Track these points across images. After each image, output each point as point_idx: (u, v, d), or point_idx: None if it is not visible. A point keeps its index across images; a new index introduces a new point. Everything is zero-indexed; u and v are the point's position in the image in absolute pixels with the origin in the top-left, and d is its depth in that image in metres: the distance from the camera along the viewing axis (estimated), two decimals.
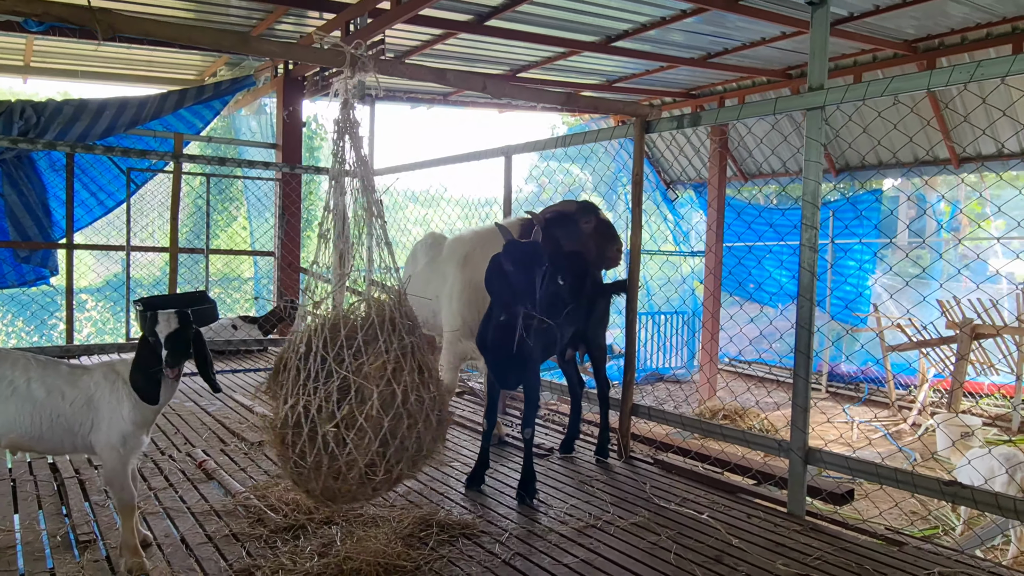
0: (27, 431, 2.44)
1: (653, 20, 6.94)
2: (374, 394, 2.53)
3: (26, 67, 8.17)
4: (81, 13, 2.19)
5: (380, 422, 2.52)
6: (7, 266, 6.64)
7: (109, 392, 2.46)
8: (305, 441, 2.54)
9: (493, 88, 3.31)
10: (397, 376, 2.59)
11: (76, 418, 2.46)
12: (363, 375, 2.58)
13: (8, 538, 2.75)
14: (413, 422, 2.61)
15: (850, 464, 3.00)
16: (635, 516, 3.13)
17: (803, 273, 3.07)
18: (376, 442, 2.51)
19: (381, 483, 2.58)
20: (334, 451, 2.51)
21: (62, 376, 2.49)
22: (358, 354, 2.60)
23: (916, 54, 7.62)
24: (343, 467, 2.53)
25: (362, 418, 2.51)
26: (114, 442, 2.44)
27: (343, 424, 2.53)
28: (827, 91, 2.96)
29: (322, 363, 2.60)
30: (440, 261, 4.10)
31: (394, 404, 2.56)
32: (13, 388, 2.43)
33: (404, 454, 2.59)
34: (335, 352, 2.60)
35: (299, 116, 7.84)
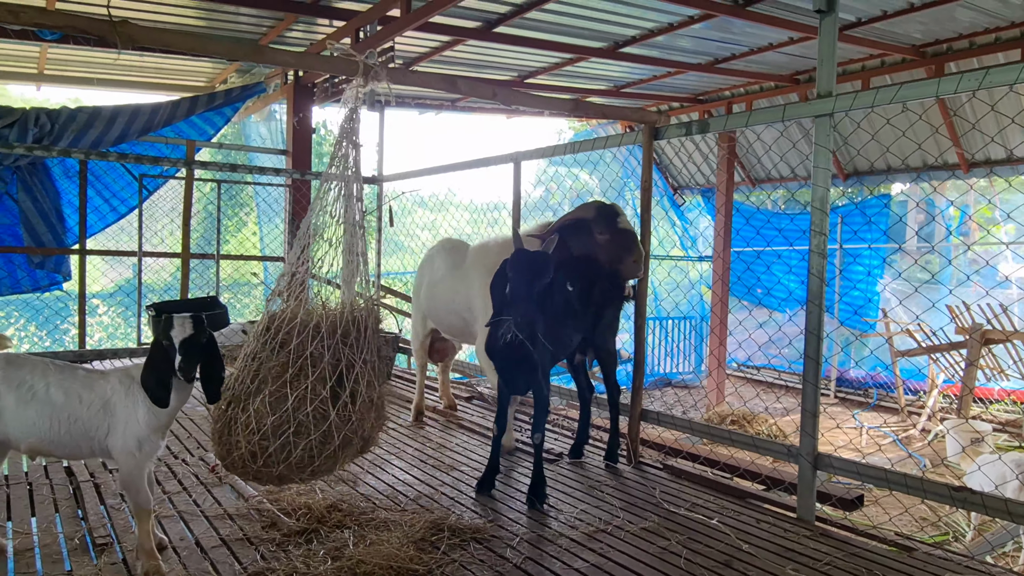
0: (46, 435, 2.48)
1: (661, 26, 6.97)
2: (265, 390, 2.69)
3: (40, 75, 8.28)
4: (101, 25, 2.23)
5: (265, 418, 2.66)
6: (21, 271, 6.71)
7: (125, 396, 2.49)
8: (220, 408, 2.78)
9: (503, 96, 3.35)
10: (296, 382, 2.70)
11: (93, 422, 2.49)
12: (266, 369, 2.74)
13: (26, 540, 2.79)
14: (304, 431, 2.70)
15: (859, 469, 3.01)
16: (645, 521, 3.14)
17: (812, 279, 3.08)
18: (258, 435, 2.66)
19: (260, 474, 2.73)
20: (231, 427, 2.71)
21: (79, 380, 2.52)
22: (274, 350, 2.76)
23: (924, 59, 7.62)
24: (232, 444, 2.71)
25: (252, 408, 2.68)
26: (130, 446, 2.47)
27: (240, 406, 2.73)
28: (836, 98, 2.97)
29: (262, 348, 2.78)
30: (465, 269, 4.11)
31: (282, 407, 2.67)
32: (32, 393, 2.46)
33: (286, 457, 2.68)
34: (263, 341, 2.79)
35: (309, 122, 7.91)
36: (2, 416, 2.45)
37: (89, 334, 6.29)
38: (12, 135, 6.18)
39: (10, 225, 6.62)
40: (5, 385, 2.45)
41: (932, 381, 8.95)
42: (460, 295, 4.03)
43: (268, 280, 9.33)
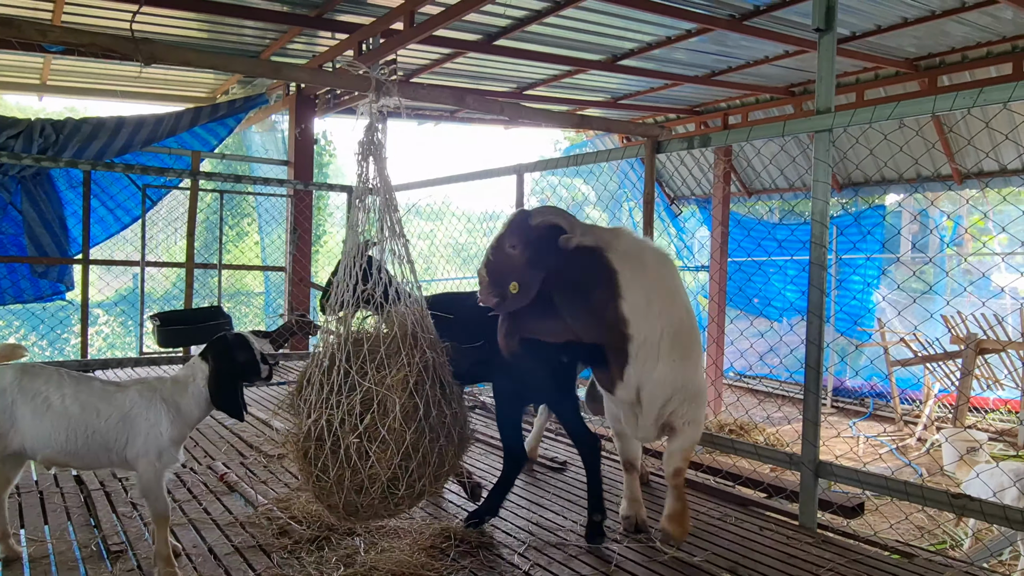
0: (62, 447, 2.50)
1: (659, 40, 7.08)
2: (396, 405, 2.59)
3: (43, 85, 8.33)
4: (125, 44, 2.29)
5: (403, 434, 2.57)
6: (25, 281, 6.73)
7: (146, 409, 2.53)
8: (327, 455, 2.60)
9: (511, 111, 3.42)
10: (419, 389, 2.66)
11: (111, 435, 2.52)
12: (386, 387, 2.63)
13: (41, 548, 2.82)
14: (435, 436, 2.67)
15: (860, 477, 3.07)
16: (649, 528, 3.19)
17: (812, 290, 3.15)
18: (399, 455, 2.57)
19: (403, 498, 2.63)
20: (356, 464, 2.56)
21: (96, 393, 2.55)
22: (380, 367, 2.67)
23: (918, 72, 7.75)
24: (365, 480, 2.58)
25: (384, 430, 2.57)
26: (151, 456, 2.51)
27: (365, 436, 2.58)
28: (835, 114, 3.05)
29: (345, 376, 2.67)
30: None
31: (416, 417, 2.62)
32: (48, 405, 2.49)
33: (426, 469, 2.64)
34: (358, 365, 2.68)
35: (311, 133, 7.98)
36: (18, 427, 2.47)
37: (89, 343, 6.30)
38: (17, 146, 6.22)
39: (14, 235, 6.66)
40: (21, 396, 2.48)
41: (928, 391, 9.03)
42: None
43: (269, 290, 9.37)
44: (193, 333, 5.43)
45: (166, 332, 5.18)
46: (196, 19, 6.30)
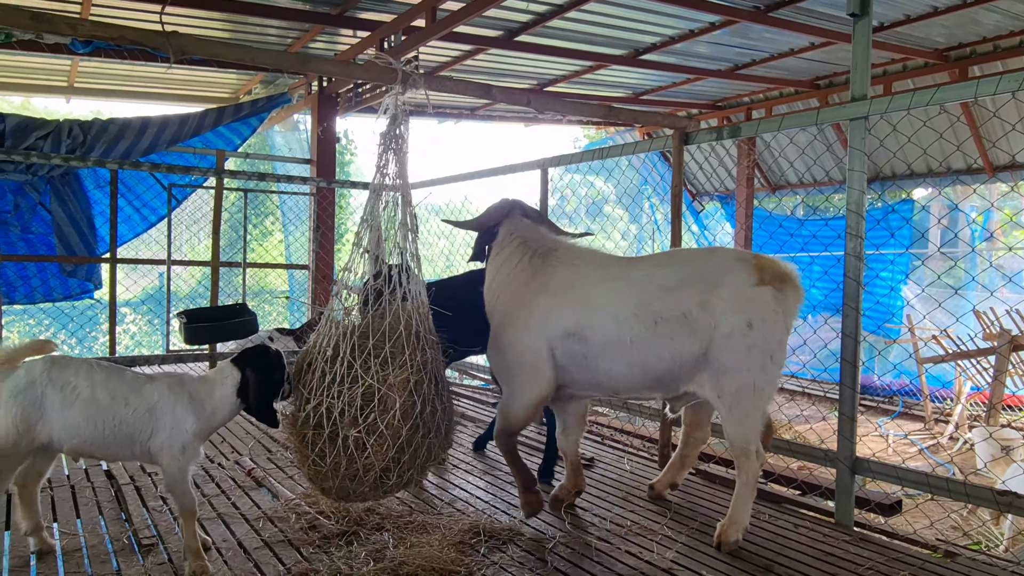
0: (90, 437, 2.51)
1: (681, 33, 7.00)
2: (397, 403, 2.63)
3: (70, 87, 8.45)
4: (154, 37, 2.29)
5: (399, 430, 2.62)
6: (55, 280, 6.82)
7: (173, 404, 2.53)
8: (326, 442, 2.65)
9: (537, 103, 3.39)
10: (418, 388, 2.69)
11: (137, 426, 2.53)
12: (387, 385, 2.66)
13: (73, 541, 2.84)
14: (427, 431, 2.71)
15: (900, 474, 2.99)
16: (681, 526, 3.13)
17: (848, 283, 3.07)
18: (394, 449, 2.62)
19: (392, 487, 2.70)
20: (353, 454, 2.62)
21: (126, 383, 2.56)
22: (384, 364, 2.69)
23: (947, 62, 7.59)
24: (360, 469, 2.63)
25: (383, 425, 2.61)
26: (175, 451, 2.51)
27: (365, 430, 2.63)
28: (871, 101, 2.98)
29: (348, 368, 2.69)
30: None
31: (413, 414, 2.66)
32: (77, 394, 2.50)
33: (416, 461, 2.69)
34: (362, 359, 2.69)
35: (333, 132, 8.00)
36: (48, 417, 2.48)
37: (117, 341, 6.37)
38: (46, 146, 6.30)
39: (43, 235, 6.74)
40: (51, 386, 2.49)
41: (959, 389, 8.83)
42: None
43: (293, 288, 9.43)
44: (219, 330, 5.45)
45: (193, 329, 5.20)
46: (220, 18, 6.34)
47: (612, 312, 2.86)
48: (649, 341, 2.81)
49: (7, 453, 2.46)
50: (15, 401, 2.44)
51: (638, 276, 2.94)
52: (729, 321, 2.75)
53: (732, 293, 2.77)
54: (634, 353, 2.84)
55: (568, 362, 2.96)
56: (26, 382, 2.46)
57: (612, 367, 2.89)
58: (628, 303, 2.85)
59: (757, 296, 2.77)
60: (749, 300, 2.77)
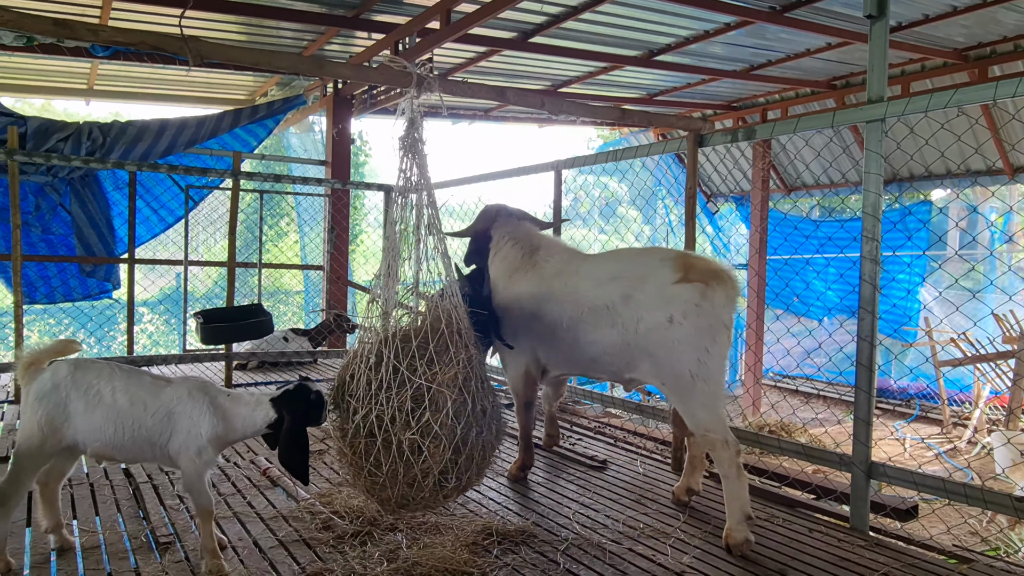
0: (110, 440, 2.55)
1: (696, 34, 6.97)
2: (448, 401, 2.62)
3: (90, 90, 8.57)
4: (173, 42, 2.33)
5: (454, 429, 2.62)
6: (75, 280, 6.93)
7: (191, 407, 2.56)
8: (379, 450, 2.63)
9: (551, 105, 3.40)
10: (467, 385, 2.68)
11: (156, 429, 2.56)
12: (438, 383, 2.66)
13: (92, 539, 2.88)
14: (480, 430, 2.71)
15: (916, 479, 2.96)
16: (694, 529, 3.13)
17: (864, 286, 3.05)
18: (450, 449, 2.61)
19: (452, 490, 2.69)
20: (410, 459, 2.60)
21: (145, 387, 2.59)
22: (431, 363, 2.69)
23: (967, 63, 7.49)
24: (419, 475, 2.62)
25: (437, 425, 2.59)
26: (191, 453, 2.55)
27: (419, 432, 2.62)
28: (888, 103, 2.95)
29: (394, 373, 2.69)
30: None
31: (465, 412, 2.66)
32: (99, 398, 2.53)
33: (473, 461, 2.70)
34: (407, 362, 2.70)
35: (347, 134, 8.05)
36: (72, 420, 2.52)
37: (135, 340, 6.45)
38: (67, 148, 6.41)
39: (64, 235, 6.85)
40: (75, 390, 2.53)
41: (978, 392, 8.72)
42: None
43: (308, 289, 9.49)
44: (235, 330, 5.51)
45: (209, 329, 5.26)
46: (237, 21, 6.41)
47: (558, 298, 3.30)
48: (578, 326, 3.21)
49: (32, 453, 2.50)
50: (41, 403, 2.49)
51: (584, 269, 3.30)
52: (650, 315, 2.99)
53: (654, 289, 3.00)
54: (568, 335, 3.26)
55: (536, 341, 3.45)
56: (51, 385, 2.51)
57: (558, 346, 3.34)
58: (569, 292, 3.26)
59: (678, 293, 2.94)
60: (670, 297, 2.95)
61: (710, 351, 2.92)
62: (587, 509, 3.37)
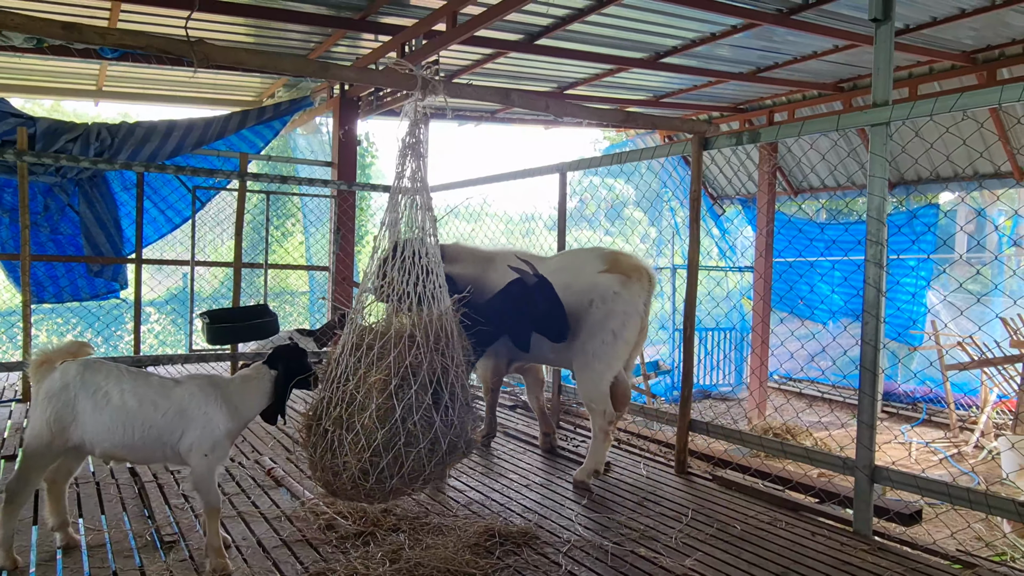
0: (120, 441, 2.57)
1: (703, 36, 6.97)
2: (372, 404, 2.67)
3: (99, 91, 8.63)
4: (180, 45, 2.35)
5: (374, 433, 2.66)
6: (82, 280, 6.97)
7: (204, 404, 2.59)
8: (318, 434, 2.77)
9: (556, 108, 3.40)
10: (399, 393, 2.70)
11: (167, 428, 2.58)
12: (367, 385, 2.73)
13: (98, 537, 2.90)
14: (413, 441, 2.71)
15: (919, 483, 2.95)
16: (696, 532, 3.13)
17: (869, 289, 3.04)
18: (369, 451, 2.65)
19: (373, 491, 2.72)
20: (335, 449, 2.70)
21: (153, 387, 2.61)
22: (370, 366, 2.76)
23: (975, 65, 7.46)
24: (340, 467, 2.70)
25: (359, 425, 2.66)
26: (204, 449, 2.57)
27: (344, 426, 2.71)
28: (892, 107, 2.95)
29: (346, 368, 2.78)
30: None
31: (391, 419, 2.67)
32: (108, 399, 2.55)
33: (399, 469, 2.70)
34: (356, 359, 2.78)
35: (354, 135, 8.08)
36: (79, 421, 2.54)
37: (142, 340, 6.49)
38: (75, 149, 6.45)
39: (72, 235, 6.90)
40: (83, 391, 2.54)
41: (985, 396, 8.67)
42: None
43: (314, 289, 9.52)
44: (241, 331, 5.54)
45: (215, 329, 5.29)
46: (243, 24, 6.44)
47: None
48: None
49: (40, 452, 2.53)
50: (49, 402, 2.51)
51: (542, 267, 3.66)
52: (578, 300, 3.47)
53: (585, 278, 3.51)
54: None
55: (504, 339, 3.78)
56: (60, 385, 2.53)
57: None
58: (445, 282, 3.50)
59: (600, 281, 3.47)
60: (594, 284, 3.48)
61: (616, 335, 3.43)
62: (589, 511, 3.37)
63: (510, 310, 3.48)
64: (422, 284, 2.90)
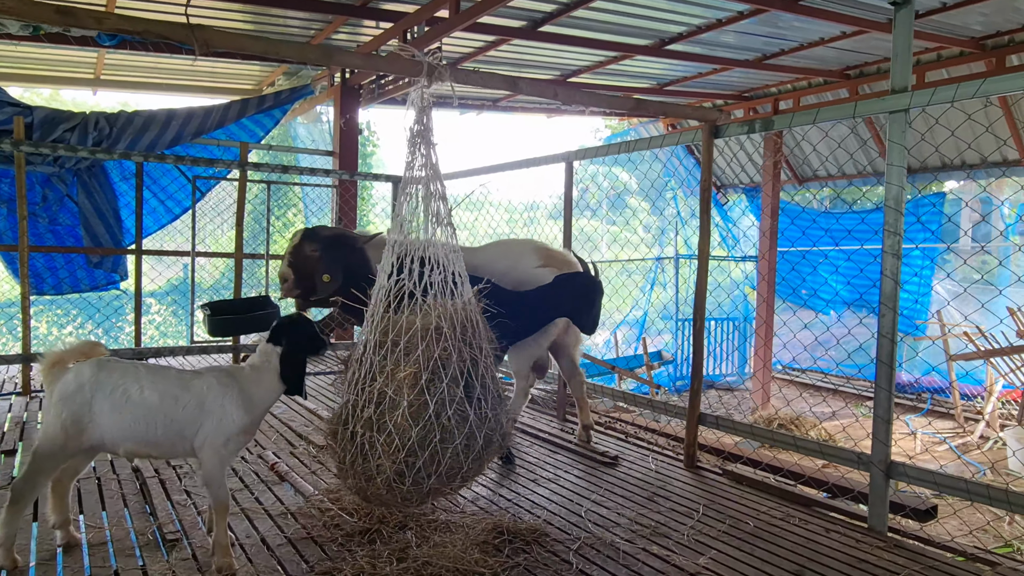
0: (143, 437, 2.51)
1: (709, 22, 6.85)
2: (403, 401, 2.57)
3: (96, 80, 8.52)
4: (179, 30, 2.27)
5: (408, 431, 2.55)
6: (82, 271, 6.90)
7: (222, 396, 2.53)
8: (347, 438, 2.67)
9: (564, 95, 3.32)
10: (431, 387, 2.59)
11: (188, 422, 2.53)
12: (397, 382, 2.62)
13: (99, 535, 2.85)
14: (449, 437, 2.61)
15: (936, 479, 2.89)
16: (708, 528, 3.07)
17: (885, 281, 2.98)
18: (403, 451, 2.55)
19: (410, 493, 2.61)
20: (367, 453, 2.60)
21: (172, 381, 2.55)
22: (399, 360, 2.65)
23: (984, 52, 7.35)
24: (373, 470, 2.60)
25: (391, 424, 2.56)
26: (218, 443, 2.52)
27: (374, 427, 2.60)
28: (912, 93, 2.86)
29: (370, 366, 2.69)
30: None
31: (424, 415, 2.57)
32: (127, 397, 2.48)
33: (435, 468, 2.59)
34: (381, 356, 2.68)
35: (355, 124, 7.98)
36: (97, 421, 2.47)
37: (143, 332, 6.43)
38: (73, 138, 6.36)
39: (71, 226, 6.82)
40: (100, 392, 2.48)
41: (991, 386, 8.62)
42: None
43: None
44: (242, 322, 5.47)
45: (216, 321, 5.22)
46: (243, 10, 6.33)
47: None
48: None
49: (53, 453, 2.47)
50: (64, 405, 2.45)
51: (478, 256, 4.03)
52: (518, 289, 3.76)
53: (522, 271, 3.92)
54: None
55: None
56: (75, 386, 2.47)
57: None
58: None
59: (537, 274, 3.88)
60: (531, 276, 3.88)
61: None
62: (599, 507, 3.32)
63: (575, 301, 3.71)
64: (439, 276, 2.83)
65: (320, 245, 4.06)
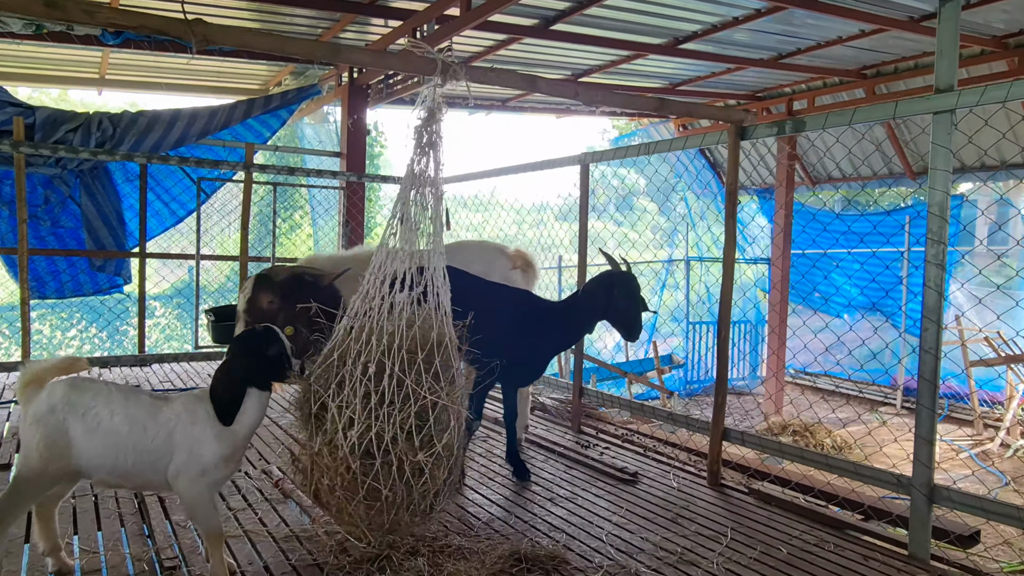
0: (113, 467, 2.34)
1: (724, 20, 6.68)
2: (453, 420, 2.55)
3: (101, 79, 8.39)
4: (176, 25, 2.12)
5: (453, 449, 2.58)
6: (84, 275, 6.76)
7: (191, 424, 2.35)
8: (379, 472, 2.59)
9: (584, 95, 3.16)
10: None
11: (157, 453, 2.35)
12: (451, 400, 2.58)
13: (93, 561, 2.69)
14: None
15: (984, 505, 2.71)
16: (738, 554, 2.90)
17: (929, 293, 2.80)
18: (446, 470, 2.59)
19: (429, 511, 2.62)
20: (411, 481, 2.57)
21: (144, 408, 2.38)
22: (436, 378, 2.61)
23: (1006, 51, 7.16)
24: (417, 498, 2.59)
25: (440, 445, 2.51)
26: (192, 474, 2.34)
27: (425, 452, 2.55)
28: (959, 92, 2.68)
29: (399, 387, 2.59)
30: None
31: (460, 431, 2.61)
32: (98, 422, 2.32)
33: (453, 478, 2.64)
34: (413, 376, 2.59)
35: (363, 124, 7.83)
36: (73, 445, 2.31)
37: (147, 336, 6.29)
38: (76, 139, 6.22)
39: (73, 229, 6.68)
40: (72, 413, 2.31)
41: (1011, 392, 8.42)
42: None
43: None
44: None
45: (221, 328, 5.08)
46: (248, 7, 6.19)
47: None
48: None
49: (32, 479, 2.30)
50: (37, 427, 2.28)
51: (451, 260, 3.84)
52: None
53: (497, 273, 4.08)
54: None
55: None
56: (47, 407, 2.30)
57: None
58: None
59: (511, 276, 4.15)
60: (506, 279, 4.09)
61: None
62: (620, 529, 3.14)
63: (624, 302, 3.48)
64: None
65: (278, 295, 3.58)
